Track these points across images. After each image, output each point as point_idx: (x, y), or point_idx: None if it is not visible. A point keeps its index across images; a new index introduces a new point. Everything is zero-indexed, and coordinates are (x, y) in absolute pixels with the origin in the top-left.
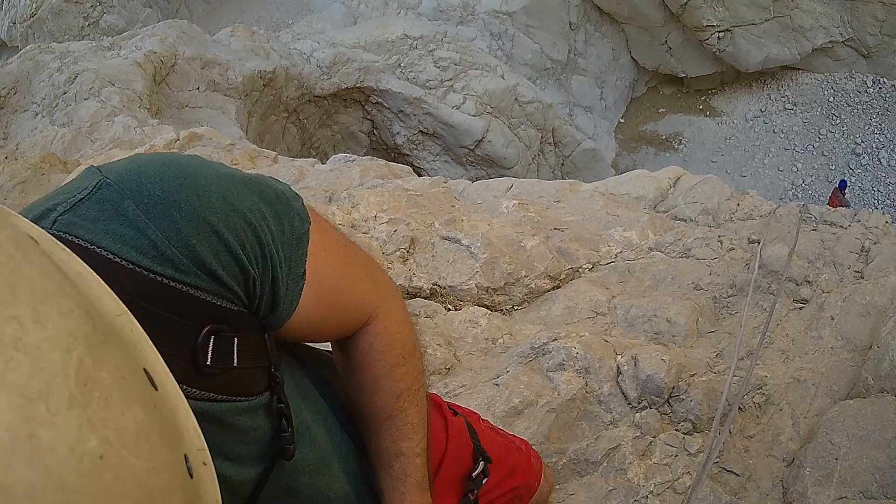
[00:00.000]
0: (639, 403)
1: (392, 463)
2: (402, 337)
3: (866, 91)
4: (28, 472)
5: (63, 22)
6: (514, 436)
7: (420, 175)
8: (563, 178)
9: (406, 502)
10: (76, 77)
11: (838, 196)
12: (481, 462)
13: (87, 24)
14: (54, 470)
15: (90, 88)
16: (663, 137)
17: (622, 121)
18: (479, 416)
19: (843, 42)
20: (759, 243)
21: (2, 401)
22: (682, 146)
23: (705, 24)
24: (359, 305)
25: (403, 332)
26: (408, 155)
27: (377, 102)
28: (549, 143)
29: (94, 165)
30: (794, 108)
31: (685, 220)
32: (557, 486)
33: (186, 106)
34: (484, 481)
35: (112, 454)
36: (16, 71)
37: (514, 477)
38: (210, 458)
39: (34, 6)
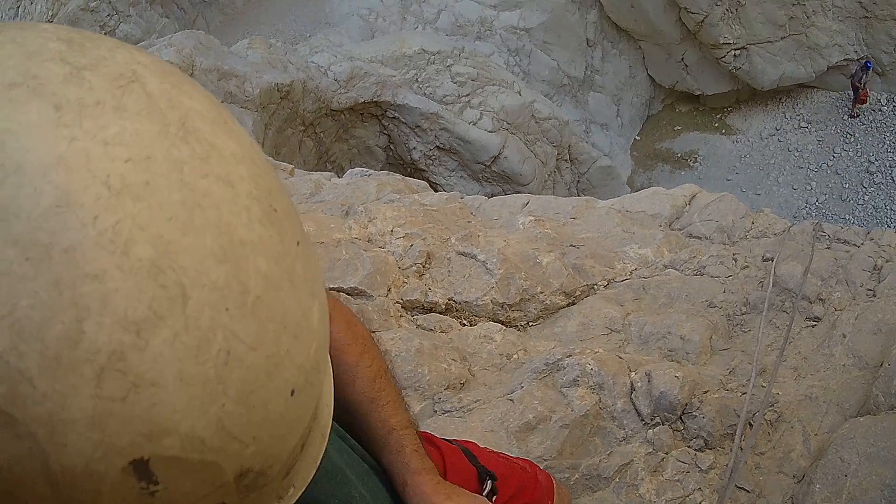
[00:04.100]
0: (652, 420)
1: (388, 439)
2: (360, 329)
3: (880, 109)
4: (232, 143)
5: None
6: (516, 457)
7: (436, 190)
8: (579, 195)
9: (410, 469)
10: None
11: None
12: (489, 481)
13: (103, 33)
14: (247, 145)
15: None
16: (679, 155)
17: (638, 138)
18: (477, 444)
19: (857, 60)
20: (773, 261)
21: (200, 98)
22: (697, 164)
23: (721, 42)
24: None
25: (359, 325)
26: (424, 170)
27: (394, 117)
28: (565, 160)
29: None
30: (809, 126)
31: (700, 238)
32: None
33: None
34: (493, 499)
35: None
36: None
37: (523, 494)
38: None
39: (50, 14)
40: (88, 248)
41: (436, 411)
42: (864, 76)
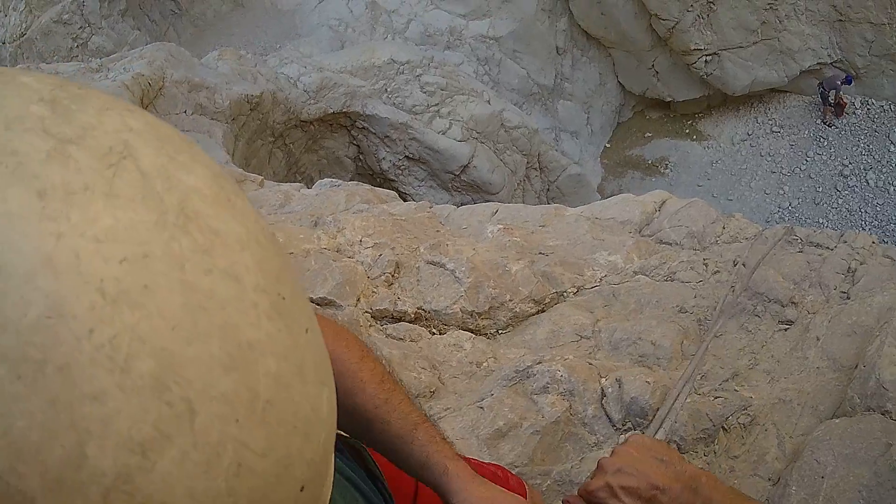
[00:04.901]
0: (623, 425)
1: (415, 434)
2: (351, 336)
3: (854, 112)
4: (236, 226)
5: (52, 43)
6: (488, 463)
7: (405, 200)
8: (549, 204)
9: (448, 456)
10: None
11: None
12: None
13: (75, 45)
14: (252, 229)
15: None
16: (649, 162)
17: (608, 146)
18: None
19: (831, 63)
20: (744, 265)
21: (199, 171)
22: (668, 171)
23: (692, 48)
24: None
25: (349, 333)
26: (393, 180)
27: (363, 128)
28: (535, 169)
29: None
30: (782, 130)
31: (670, 244)
32: None
33: None
34: None
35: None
36: None
37: None
38: None
39: (24, 26)
40: (85, 365)
41: None
42: (839, 88)
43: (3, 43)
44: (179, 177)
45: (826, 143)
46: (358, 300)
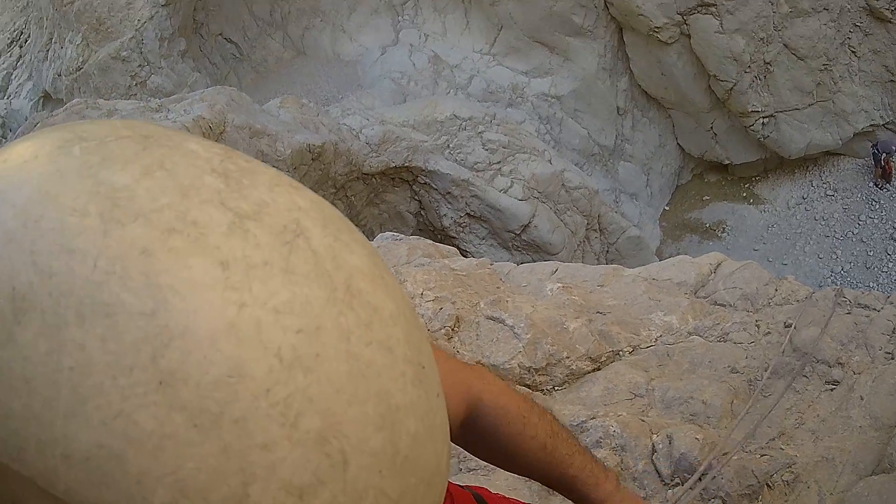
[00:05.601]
0: (671, 480)
1: (573, 487)
2: (514, 398)
3: None
4: (390, 302)
5: (110, 79)
6: (512, 499)
7: (466, 257)
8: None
9: (601, 497)
10: None
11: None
12: None
13: (134, 83)
14: (400, 305)
15: None
16: (707, 225)
17: (667, 208)
18: (489, 490)
19: (883, 125)
20: (793, 327)
21: (359, 250)
22: (725, 234)
23: (750, 110)
24: (458, 384)
25: (511, 393)
26: (454, 237)
27: (425, 183)
28: (595, 230)
29: None
30: (835, 194)
31: (724, 305)
32: None
33: None
34: None
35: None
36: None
37: None
38: None
39: (81, 60)
40: (260, 419)
41: (461, 469)
42: (892, 153)
43: (59, 75)
44: (344, 256)
45: (878, 206)
46: None
